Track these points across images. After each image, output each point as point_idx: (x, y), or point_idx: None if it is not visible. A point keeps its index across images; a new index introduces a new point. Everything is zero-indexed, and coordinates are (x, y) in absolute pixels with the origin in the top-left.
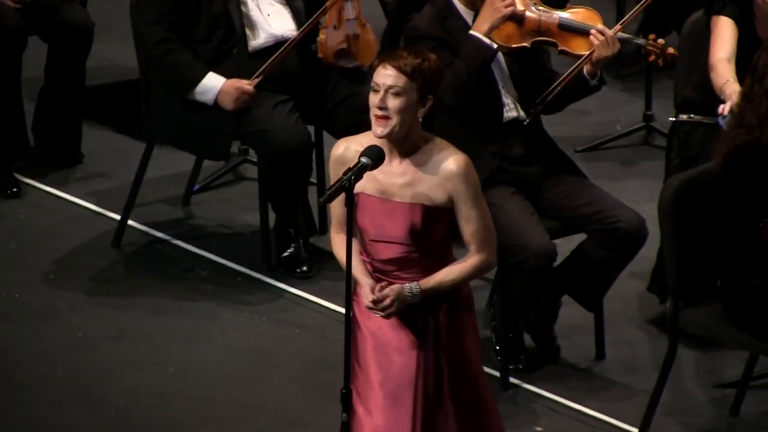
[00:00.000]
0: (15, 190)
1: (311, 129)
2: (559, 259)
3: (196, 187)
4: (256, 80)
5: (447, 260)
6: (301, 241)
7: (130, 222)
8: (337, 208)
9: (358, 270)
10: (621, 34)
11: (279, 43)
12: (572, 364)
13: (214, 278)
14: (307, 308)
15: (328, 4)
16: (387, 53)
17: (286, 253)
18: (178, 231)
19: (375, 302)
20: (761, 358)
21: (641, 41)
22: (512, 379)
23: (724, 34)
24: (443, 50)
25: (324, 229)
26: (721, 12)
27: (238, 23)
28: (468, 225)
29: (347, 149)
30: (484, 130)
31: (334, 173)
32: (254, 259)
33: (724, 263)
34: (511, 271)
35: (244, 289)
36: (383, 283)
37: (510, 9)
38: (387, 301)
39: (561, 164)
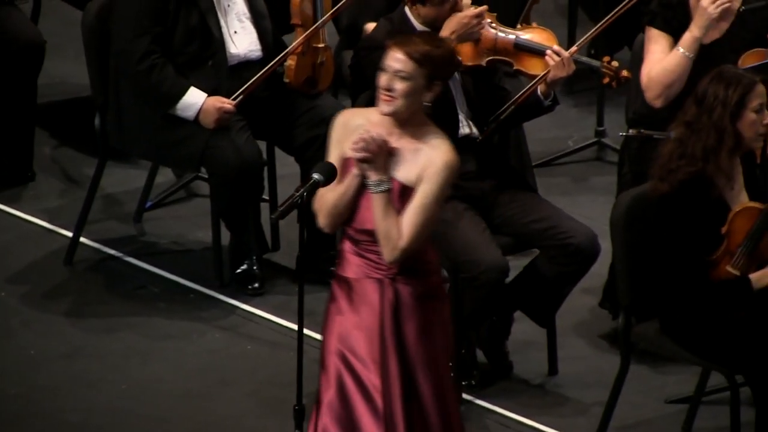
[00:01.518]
0: None
1: (263, 146)
2: (512, 275)
3: (149, 204)
4: (238, 99)
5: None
6: (254, 258)
7: (82, 239)
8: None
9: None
10: (576, 56)
11: (241, 62)
12: (525, 380)
13: (167, 295)
14: (259, 325)
15: (300, 32)
16: (401, 37)
17: (239, 270)
18: (130, 248)
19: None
20: (713, 373)
21: (596, 63)
22: (465, 395)
23: (655, 50)
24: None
25: (276, 245)
26: (651, 24)
27: (217, 34)
28: (412, 210)
29: (351, 118)
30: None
31: (334, 137)
32: (207, 275)
33: (664, 290)
34: (463, 287)
35: (196, 306)
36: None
37: (477, 31)
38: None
39: (513, 180)
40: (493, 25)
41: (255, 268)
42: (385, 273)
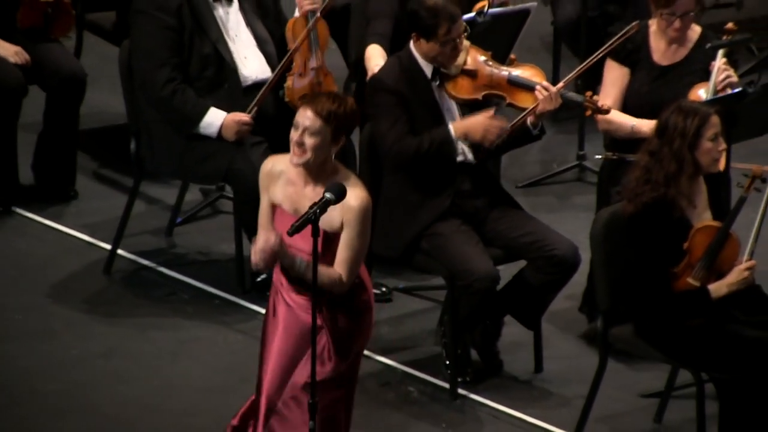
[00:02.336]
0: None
1: None
2: (502, 283)
3: (179, 219)
4: (253, 111)
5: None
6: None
7: (119, 251)
8: (264, 218)
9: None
10: (563, 92)
11: (253, 83)
12: (514, 377)
13: (195, 301)
14: None
15: (292, 51)
16: (310, 97)
17: (259, 279)
18: (162, 259)
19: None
20: (682, 370)
21: (580, 99)
22: (460, 390)
23: (608, 79)
24: (399, 107)
25: None
26: (609, 54)
27: (229, 60)
28: (343, 250)
29: (274, 166)
30: (440, 175)
31: (262, 185)
32: (230, 284)
33: (635, 298)
34: (459, 294)
35: (220, 311)
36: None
37: (497, 138)
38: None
39: (503, 199)
40: (489, 62)
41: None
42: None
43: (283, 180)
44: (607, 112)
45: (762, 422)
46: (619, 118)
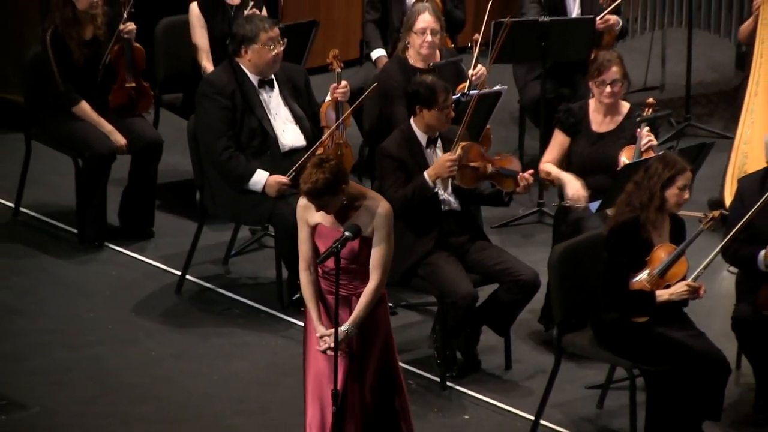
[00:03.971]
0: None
1: None
2: (480, 301)
3: (233, 252)
4: (291, 176)
5: (367, 267)
6: None
7: (187, 276)
8: (304, 247)
9: (314, 311)
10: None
11: (290, 150)
12: (489, 372)
13: (245, 314)
14: None
15: (328, 134)
16: (303, 183)
17: (294, 297)
18: (220, 282)
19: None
20: (618, 368)
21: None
22: (448, 383)
23: (553, 143)
24: (401, 171)
25: None
26: (555, 123)
27: (271, 132)
28: (377, 250)
29: (300, 201)
30: (425, 222)
31: (300, 218)
32: (272, 301)
33: (596, 302)
34: (447, 309)
35: (265, 322)
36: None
37: (453, 172)
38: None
39: (480, 236)
40: (484, 157)
41: None
42: (350, 291)
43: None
44: (546, 177)
45: (680, 407)
46: (557, 173)
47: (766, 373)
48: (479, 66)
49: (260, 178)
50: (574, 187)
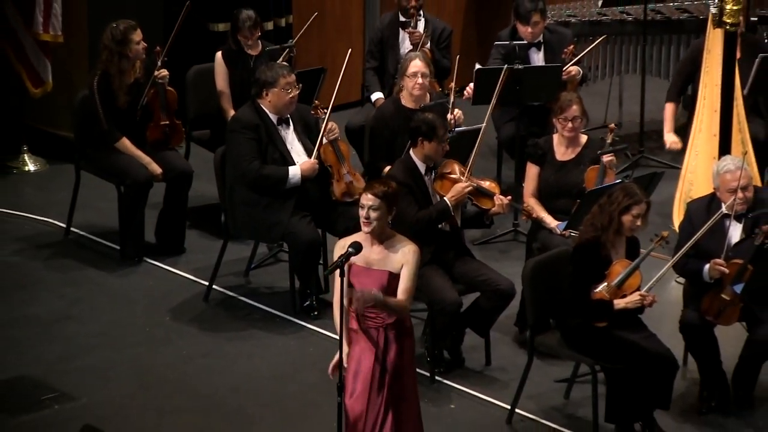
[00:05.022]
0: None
1: (320, 231)
2: (464, 307)
3: (253, 265)
4: (314, 156)
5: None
6: (314, 296)
7: (214, 286)
8: (337, 284)
9: (343, 332)
10: (511, 203)
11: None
12: (471, 369)
13: (263, 319)
14: (317, 336)
15: (333, 171)
16: (368, 185)
17: (306, 303)
18: (242, 291)
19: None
20: (582, 365)
21: (519, 206)
22: (437, 377)
23: (528, 176)
24: (410, 195)
25: (327, 288)
26: (527, 158)
27: (290, 161)
28: (403, 282)
29: (345, 241)
30: (426, 239)
31: (336, 254)
32: (286, 307)
33: (563, 309)
34: (435, 315)
35: (280, 325)
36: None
37: (467, 197)
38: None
39: (465, 252)
40: (465, 175)
41: (314, 302)
42: (379, 323)
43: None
44: (530, 214)
45: (635, 398)
46: (539, 211)
47: (709, 369)
48: (456, 110)
49: (295, 171)
50: (553, 223)
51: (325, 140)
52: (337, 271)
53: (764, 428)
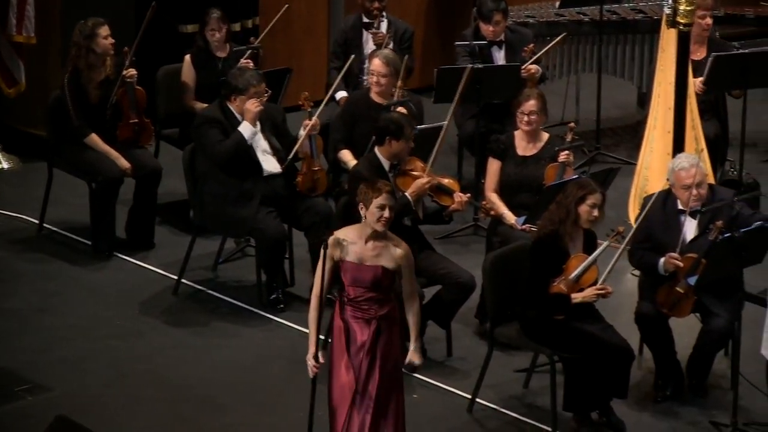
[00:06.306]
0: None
1: (286, 226)
2: (427, 299)
3: (221, 260)
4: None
5: (391, 294)
6: (280, 290)
7: (183, 280)
8: (322, 277)
9: (314, 331)
10: (470, 200)
11: (269, 175)
12: (433, 359)
13: (231, 312)
14: (284, 329)
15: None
16: (386, 186)
17: (272, 296)
18: (210, 285)
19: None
20: (541, 355)
21: (478, 204)
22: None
23: (490, 171)
24: None
25: (294, 281)
26: (489, 154)
27: (255, 160)
28: (407, 279)
29: (337, 236)
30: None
31: (329, 252)
32: (254, 300)
33: (522, 301)
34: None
35: (248, 317)
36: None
37: (427, 192)
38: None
39: (427, 246)
40: (431, 174)
41: (281, 296)
42: (372, 315)
43: (347, 243)
44: (488, 212)
45: (592, 387)
46: (499, 207)
47: (664, 359)
48: (400, 107)
49: (242, 127)
50: (512, 219)
51: (303, 131)
52: (320, 264)
53: (717, 415)
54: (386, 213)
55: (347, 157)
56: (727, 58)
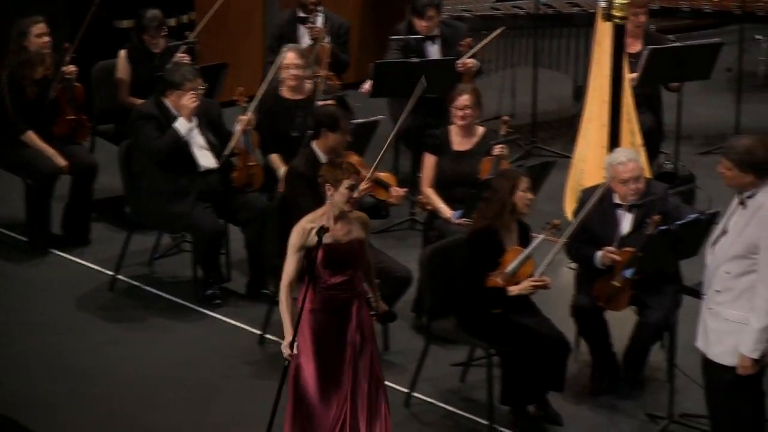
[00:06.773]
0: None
1: (222, 221)
2: None
3: (157, 255)
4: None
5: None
6: (216, 285)
7: (119, 276)
8: (291, 267)
9: (287, 319)
10: (407, 195)
11: (206, 170)
12: None
13: (167, 307)
14: (220, 324)
15: (239, 157)
16: (354, 168)
17: (208, 292)
18: (146, 280)
19: None
20: (477, 348)
21: (414, 198)
22: None
23: (426, 165)
24: (308, 188)
25: (230, 277)
26: (424, 149)
27: (191, 156)
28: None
29: (305, 225)
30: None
31: (297, 245)
32: (190, 295)
33: (458, 295)
34: None
35: (184, 313)
36: None
37: (369, 190)
38: None
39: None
40: (362, 166)
41: (217, 291)
42: (349, 295)
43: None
44: (425, 206)
45: (529, 380)
46: (435, 202)
47: (600, 352)
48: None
49: (178, 123)
50: (448, 213)
51: (239, 126)
52: (289, 253)
53: (653, 407)
54: (355, 194)
55: (276, 163)
56: (663, 51)
